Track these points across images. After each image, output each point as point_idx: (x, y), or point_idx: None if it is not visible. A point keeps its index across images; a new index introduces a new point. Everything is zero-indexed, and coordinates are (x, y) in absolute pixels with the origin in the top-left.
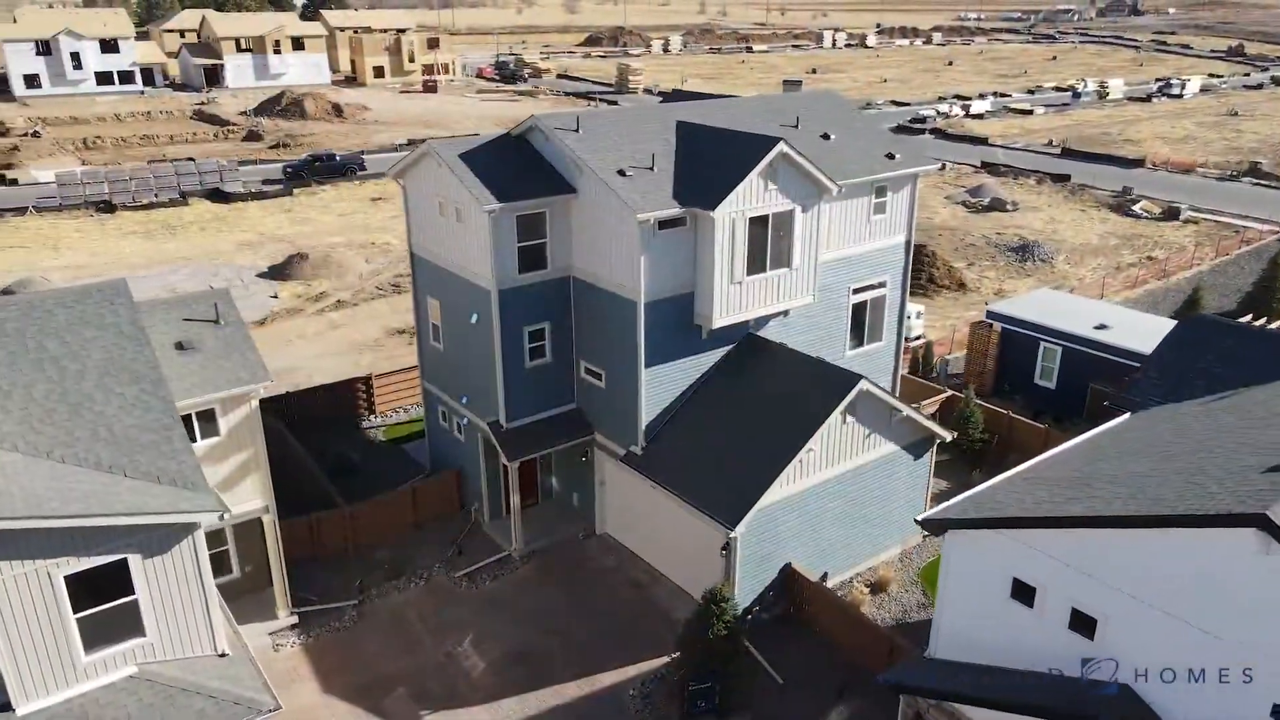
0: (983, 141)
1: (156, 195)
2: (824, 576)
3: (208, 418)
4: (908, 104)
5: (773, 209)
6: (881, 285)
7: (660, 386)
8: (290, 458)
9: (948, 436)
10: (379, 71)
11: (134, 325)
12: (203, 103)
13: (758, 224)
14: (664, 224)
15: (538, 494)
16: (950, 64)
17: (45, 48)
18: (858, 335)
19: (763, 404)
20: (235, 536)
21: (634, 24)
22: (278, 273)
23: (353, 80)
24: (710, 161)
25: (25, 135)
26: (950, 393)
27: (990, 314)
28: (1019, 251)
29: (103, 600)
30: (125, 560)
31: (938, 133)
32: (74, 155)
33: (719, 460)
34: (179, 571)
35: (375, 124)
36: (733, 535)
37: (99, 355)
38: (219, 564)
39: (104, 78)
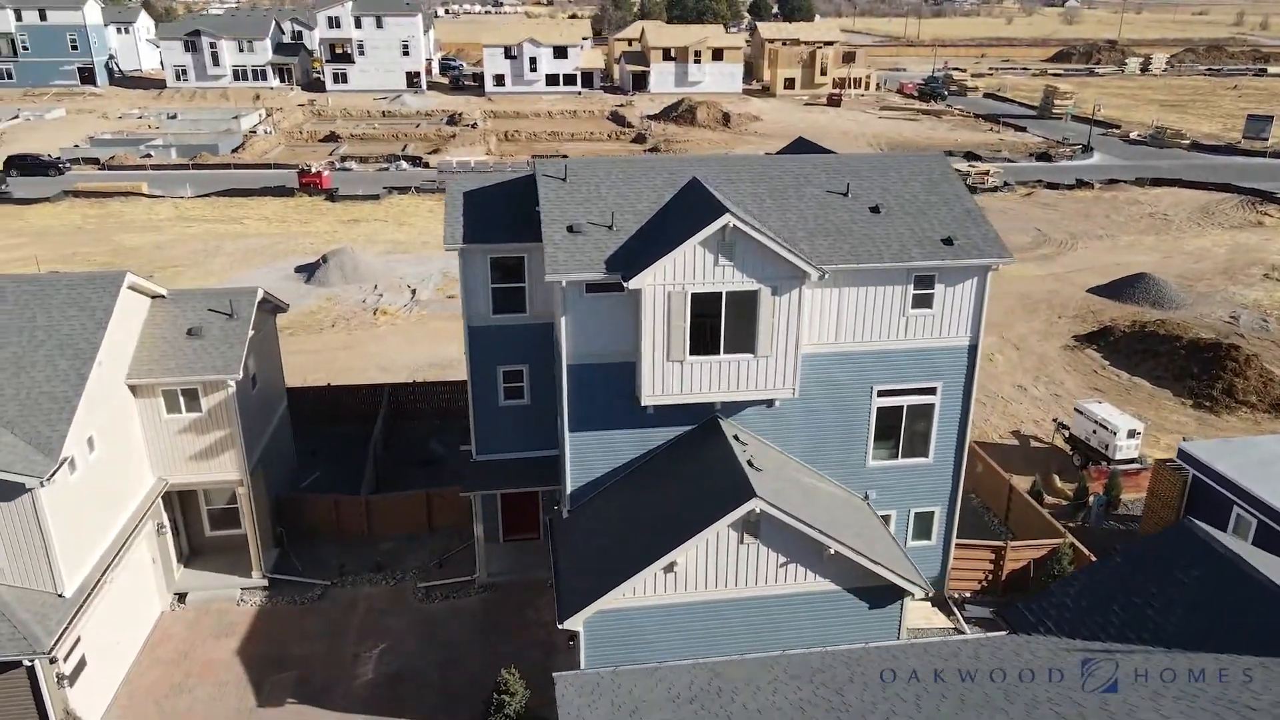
0: None
1: None
2: None
3: (191, 395)
4: None
5: (727, 287)
6: (928, 392)
7: (592, 453)
8: (366, 442)
9: (917, 593)
10: (789, 83)
11: (105, 311)
12: (620, 105)
13: (706, 301)
14: (598, 287)
15: (539, 529)
16: None
17: (511, 52)
18: (888, 445)
19: (673, 498)
20: (243, 498)
21: (1134, 38)
22: None
23: (765, 90)
24: (673, 227)
25: (469, 126)
26: (1062, 541)
27: (1182, 455)
28: None
29: None
30: None
31: None
32: (488, 145)
33: (610, 546)
34: (21, 518)
35: (754, 134)
36: (561, 627)
37: (65, 331)
38: (230, 519)
39: (552, 79)
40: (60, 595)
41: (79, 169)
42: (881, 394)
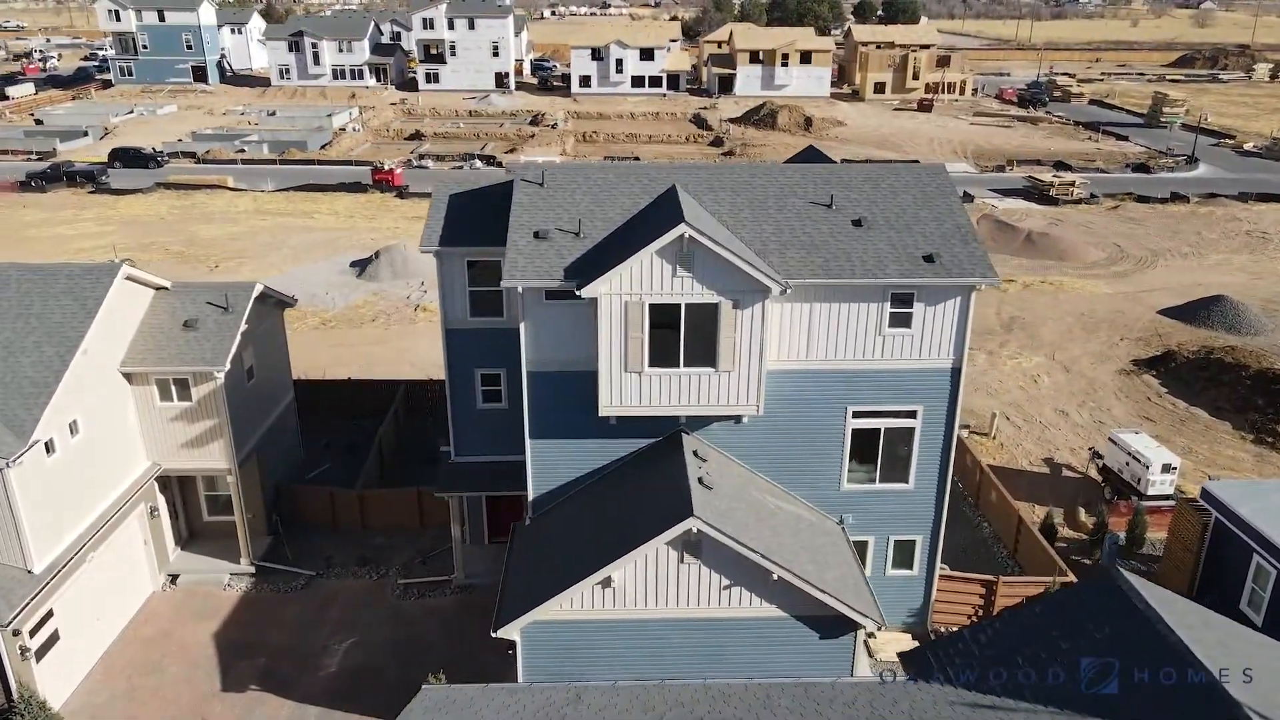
0: None
1: None
2: None
3: (183, 385)
4: None
5: (686, 299)
6: (907, 415)
7: (554, 461)
8: (375, 437)
9: (868, 625)
10: (879, 88)
11: (96, 301)
12: (704, 108)
13: (664, 313)
14: (559, 294)
15: None
16: None
17: (598, 54)
18: (865, 469)
19: (620, 512)
20: (232, 487)
21: (1270, 42)
22: None
23: (856, 95)
24: (637, 236)
25: (549, 126)
26: (1052, 580)
27: (1205, 495)
28: None
29: None
30: None
31: None
32: (563, 146)
33: (556, 556)
34: None
35: (835, 139)
36: (494, 635)
37: (57, 319)
38: (228, 505)
39: (638, 81)
40: (29, 571)
41: (176, 162)
42: (857, 415)
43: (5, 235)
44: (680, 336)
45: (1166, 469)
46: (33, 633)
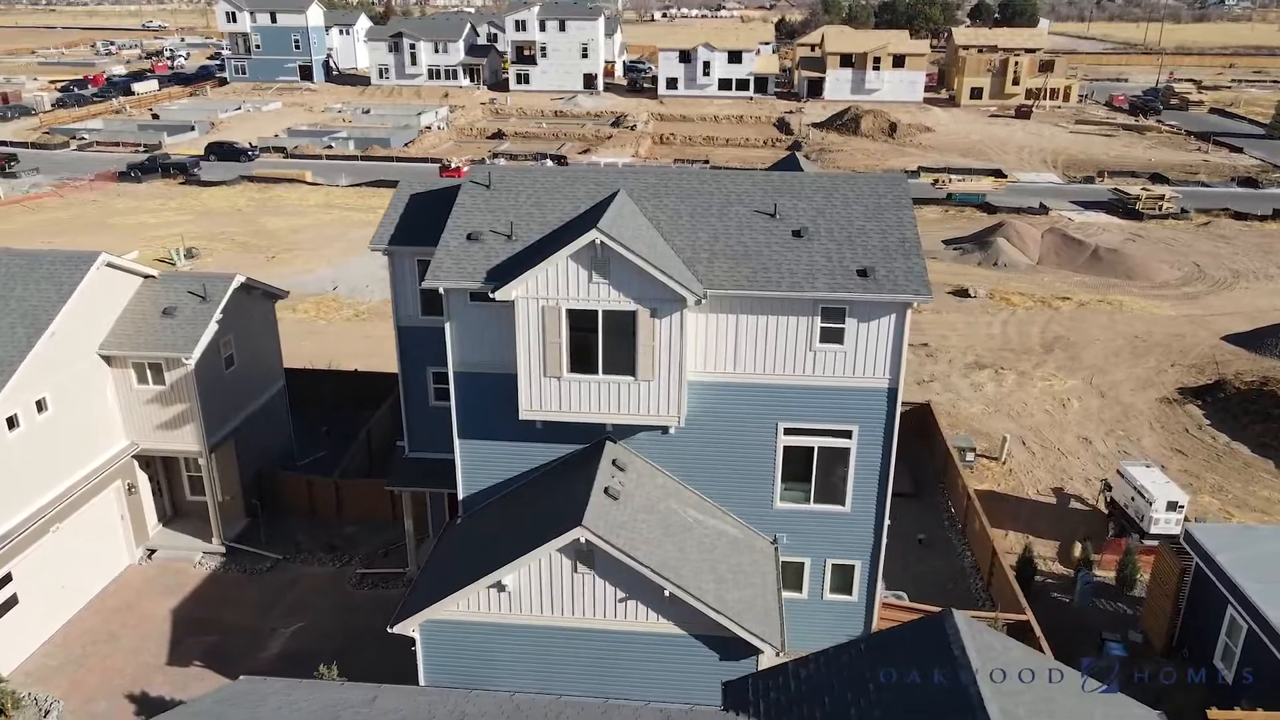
0: None
1: None
2: None
3: (156, 369)
4: None
5: (603, 306)
6: (842, 435)
7: (482, 462)
8: (365, 427)
9: (766, 650)
10: (976, 93)
11: (71, 286)
12: (789, 111)
13: (582, 319)
14: (483, 296)
15: None
16: None
17: (685, 56)
18: (799, 488)
19: (528, 516)
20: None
21: None
22: None
23: (952, 100)
24: (565, 239)
25: (629, 128)
26: (994, 616)
27: (1188, 538)
28: None
29: None
30: None
31: None
32: (637, 148)
33: (465, 557)
34: None
35: (918, 146)
36: (390, 631)
37: (34, 301)
38: (200, 487)
39: (725, 83)
40: None
41: (267, 156)
42: (789, 432)
43: (93, 222)
44: (599, 343)
45: (1172, 506)
46: None
